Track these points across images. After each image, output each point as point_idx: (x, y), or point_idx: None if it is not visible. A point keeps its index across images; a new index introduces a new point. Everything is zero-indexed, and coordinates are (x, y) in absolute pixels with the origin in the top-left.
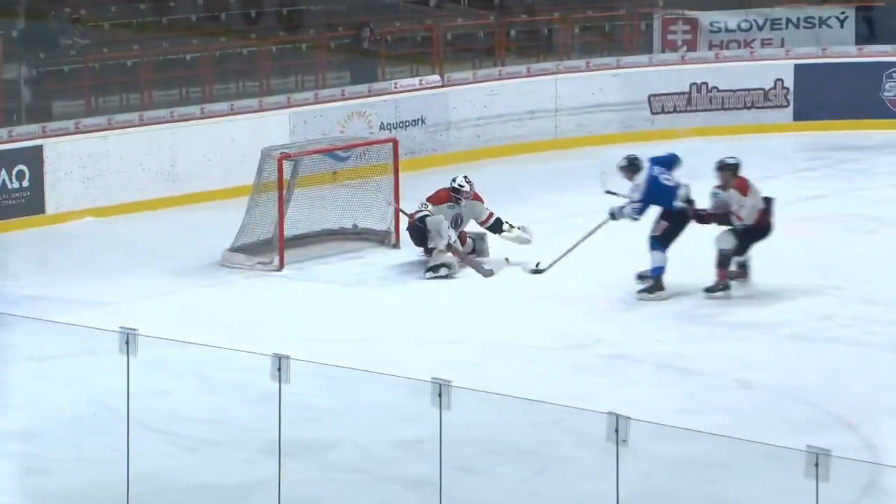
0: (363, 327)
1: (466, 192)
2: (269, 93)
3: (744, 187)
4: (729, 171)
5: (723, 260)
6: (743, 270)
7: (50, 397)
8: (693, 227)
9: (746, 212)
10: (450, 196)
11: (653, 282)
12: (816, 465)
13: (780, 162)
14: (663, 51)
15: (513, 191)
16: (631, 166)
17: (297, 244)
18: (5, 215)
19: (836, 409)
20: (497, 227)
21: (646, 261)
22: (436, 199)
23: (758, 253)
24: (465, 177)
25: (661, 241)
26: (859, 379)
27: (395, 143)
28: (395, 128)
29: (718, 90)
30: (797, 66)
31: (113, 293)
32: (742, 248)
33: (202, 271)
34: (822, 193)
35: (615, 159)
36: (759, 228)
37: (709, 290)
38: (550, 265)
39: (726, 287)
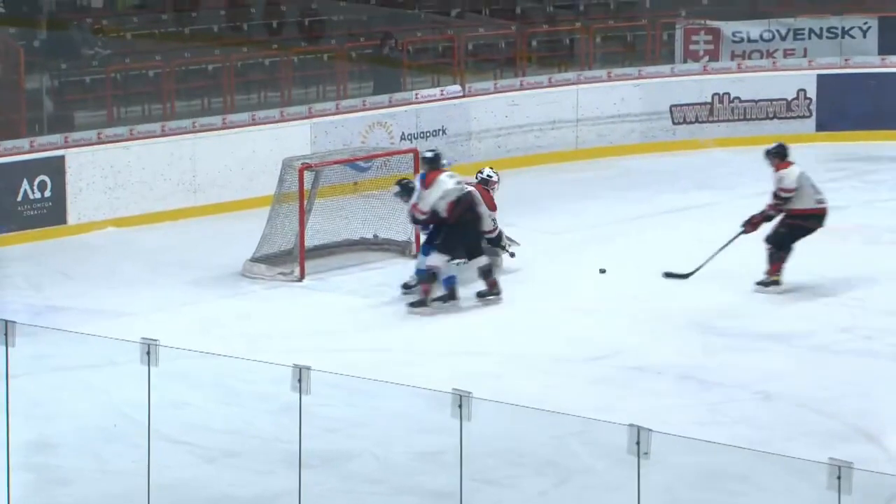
0: (383, 338)
1: (495, 181)
2: (291, 103)
3: (431, 181)
4: (427, 166)
5: (483, 273)
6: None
7: (70, 408)
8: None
9: (423, 204)
10: (482, 190)
11: (417, 281)
12: (839, 477)
13: None
14: (685, 61)
15: (533, 201)
16: (405, 191)
17: (318, 255)
18: (27, 225)
19: (857, 421)
20: None
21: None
22: None
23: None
24: (491, 168)
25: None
26: (881, 390)
27: (415, 153)
28: (416, 138)
29: (740, 100)
30: (820, 77)
31: (134, 304)
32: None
33: (223, 282)
34: (844, 204)
35: (636, 169)
36: (455, 224)
37: (479, 294)
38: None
39: (496, 293)
